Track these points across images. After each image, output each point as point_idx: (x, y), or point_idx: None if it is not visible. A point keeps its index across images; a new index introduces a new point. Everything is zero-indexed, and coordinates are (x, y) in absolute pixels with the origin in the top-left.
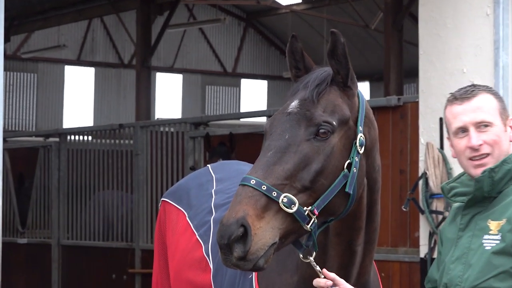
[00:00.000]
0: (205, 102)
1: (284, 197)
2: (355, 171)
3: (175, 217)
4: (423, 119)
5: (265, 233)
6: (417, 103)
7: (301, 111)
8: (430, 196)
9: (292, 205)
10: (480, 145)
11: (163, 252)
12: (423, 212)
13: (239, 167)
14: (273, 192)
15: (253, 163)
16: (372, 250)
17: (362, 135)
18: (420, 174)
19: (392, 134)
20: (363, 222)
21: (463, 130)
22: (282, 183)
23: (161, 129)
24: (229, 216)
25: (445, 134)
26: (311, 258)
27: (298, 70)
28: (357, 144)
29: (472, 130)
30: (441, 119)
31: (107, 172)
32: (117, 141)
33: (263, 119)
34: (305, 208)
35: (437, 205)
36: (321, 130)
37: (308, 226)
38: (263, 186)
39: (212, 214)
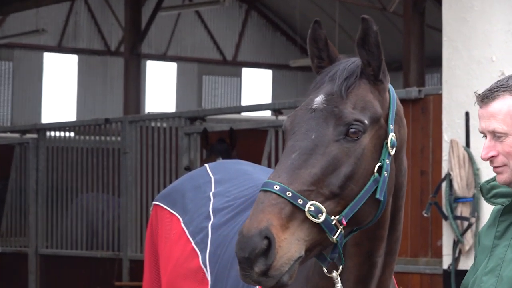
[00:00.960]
0: (202, 94)
1: (311, 205)
2: (386, 175)
3: (168, 223)
4: (446, 114)
5: (290, 246)
6: (440, 95)
7: (328, 107)
8: (455, 200)
9: (319, 214)
10: (492, 156)
11: (154, 262)
12: (446, 218)
13: (240, 167)
14: (299, 200)
15: (256, 162)
16: (393, 262)
17: (394, 135)
18: (443, 175)
19: (412, 130)
20: (386, 231)
21: (484, 134)
22: (309, 189)
23: (152, 124)
24: (251, 226)
25: (472, 130)
26: (336, 274)
27: (321, 60)
28: (389, 145)
29: (488, 138)
30: (467, 114)
31: (91, 172)
32: (102, 138)
33: (267, 113)
34: (332, 217)
35: (463, 210)
36: (352, 130)
37: (335, 238)
38: (288, 193)
39: (210, 220)
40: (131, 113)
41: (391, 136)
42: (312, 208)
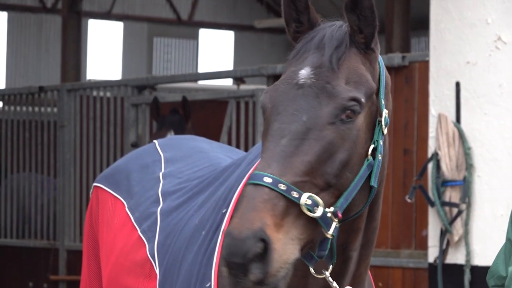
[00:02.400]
0: (152, 59)
1: (308, 198)
2: (380, 158)
3: (111, 208)
4: (434, 84)
5: (285, 247)
6: (427, 62)
7: (318, 83)
8: (443, 183)
9: (316, 208)
10: None
11: (94, 252)
12: (433, 204)
13: (195, 144)
14: (293, 192)
15: (214, 137)
16: (369, 255)
17: (387, 112)
18: (429, 155)
19: (394, 103)
20: (364, 221)
21: None
22: (302, 180)
23: (94, 93)
24: (242, 226)
25: (463, 103)
26: (327, 273)
27: (300, 25)
28: (383, 123)
29: None
30: (457, 84)
31: (23, 149)
32: (36, 109)
33: (227, 82)
34: (327, 209)
35: (451, 195)
36: (349, 110)
37: (330, 232)
38: (281, 185)
39: (159, 204)
40: (69, 81)
41: (385, 113)
42: (309, 202)
